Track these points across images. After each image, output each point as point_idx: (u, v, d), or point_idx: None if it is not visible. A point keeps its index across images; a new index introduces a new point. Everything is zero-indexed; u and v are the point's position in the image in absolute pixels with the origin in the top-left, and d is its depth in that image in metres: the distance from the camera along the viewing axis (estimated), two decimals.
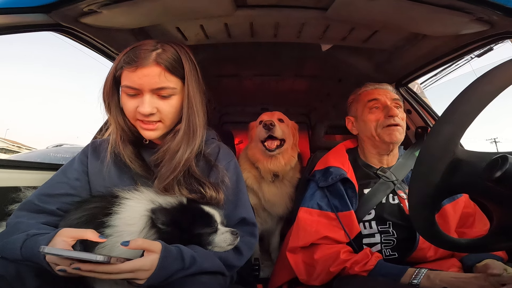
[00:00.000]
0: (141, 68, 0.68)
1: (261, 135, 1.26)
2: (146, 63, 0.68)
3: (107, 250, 0.59)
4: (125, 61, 0.69)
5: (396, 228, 0.91)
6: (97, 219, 0.62)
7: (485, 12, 0.77)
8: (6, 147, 17.02)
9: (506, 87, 0.46)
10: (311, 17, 0.95)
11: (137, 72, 0.68)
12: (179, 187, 0.72)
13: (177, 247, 0.60)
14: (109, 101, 0.75)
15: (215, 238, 0.68)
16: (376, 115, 1.01)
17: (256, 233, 0.81)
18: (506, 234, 0.48)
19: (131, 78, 0.69)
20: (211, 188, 0.74)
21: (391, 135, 0.96)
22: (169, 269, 0.56)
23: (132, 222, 0.62)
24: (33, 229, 0.62)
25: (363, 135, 1.06)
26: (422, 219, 0.52)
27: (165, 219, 0.63)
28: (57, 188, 0.73)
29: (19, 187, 0.79)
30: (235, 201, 0.79)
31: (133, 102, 0.72)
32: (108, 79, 0.74)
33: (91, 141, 0.86)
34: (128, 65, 0.69)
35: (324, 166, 1.04)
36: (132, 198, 0.67)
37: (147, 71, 0.68)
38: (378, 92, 1.05)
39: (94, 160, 0.79)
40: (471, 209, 0.96)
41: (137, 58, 0.68)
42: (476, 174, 0.45)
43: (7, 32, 0.76)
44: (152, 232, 0.62)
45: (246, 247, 0.75)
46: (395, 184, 0.96)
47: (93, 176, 0.77)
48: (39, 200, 0.70)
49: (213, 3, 0.85)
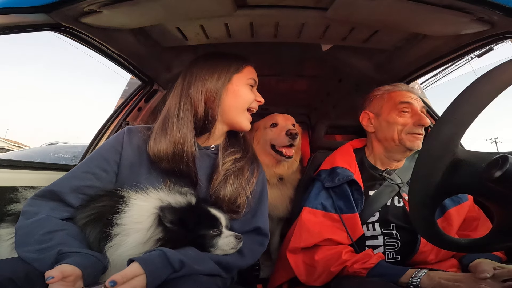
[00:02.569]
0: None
1: (282, 142, 1.19)
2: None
3: (114, 248, 0.60)
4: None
5: (400, 230, 0.90)
6: (105, 217, 0.62)
7: (485, 12, 0.77)
8: (6, 147, 17.03)
9: (506, 87, 0.46)
10: (311, 17, 0.95)
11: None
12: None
13: (161, 252, 0.57)
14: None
15: (219, 241, 0.69)
16: (405, 119, 0.96)
17: (266, 244, 0.81)
18: (507, 234, 0.48)
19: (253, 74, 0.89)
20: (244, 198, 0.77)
21: (413, 142, 0.94)
22: (160, 278, 0.55)
23: (140, 220, 0.63)
24: (62, 241, 0.58)
25: (380, 135, 1.01)
26: (422, 219, 0.52)
27: (173, 218, 0.63)
28: (83, 179, 0.70)
29: (16, 187, 0.78)
30: (254, 210, 0.81)
31: (252, 94, 0.87)
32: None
33: (127, 128, 0.81)
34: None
35: (330, 166, 1.01)
36: (141, 197, 0.67)
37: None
38: (411, 96, 0.99)
39: (130, 151, 0.75)
40: (476, 213, 0.95)
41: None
42: (476, 174, 0.45)
43: (7, 32, 0.75)
44: (159, 230, 0.62)
45: (251, 253, 0.75)
46: (400, 187, 0.95)
47: (124, 169, 0.74)
48: (63, 193, 0.66)
49: (213, 3, 0.85)
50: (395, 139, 0.96)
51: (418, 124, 0.94)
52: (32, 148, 7.44)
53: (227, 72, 0.81)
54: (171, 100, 0.82)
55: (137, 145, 0.76)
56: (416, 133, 0.94)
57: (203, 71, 0.81)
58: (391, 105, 0.99)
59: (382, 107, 1.02)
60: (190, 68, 0.84)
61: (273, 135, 1.24)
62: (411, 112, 0.96)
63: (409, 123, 0.95)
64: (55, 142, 6.18)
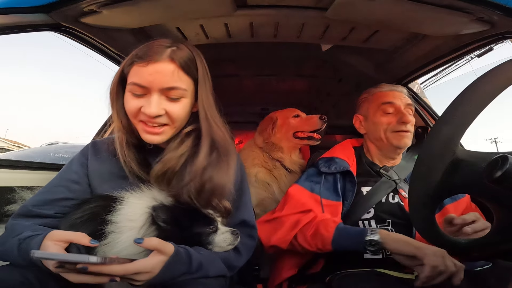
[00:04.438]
0: (153, 63, 0.63)
1: (314, 126, 1.30)
2: (160, 58, 0.63)
3: (109, 246, 0.59)
4: (137, 56, 0.65)
5: (395, 226, 0.91)
6: (98, 216, 0.62)
7: (485, 12, 0.78)
8: (6, 147, 17.02)
9: (506, 87, 0.46)
10: (311, 17, 0.95)
11: (148, 68, 0.63)
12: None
13: (187, 250, 0.59)
14: (114, 100, 0.71)
15: (215, 237, 0.68)
16: (388, 118, 0.99)
17: (256, 235, 0.80)
18: (507, 234, 0.48)
19: (140, 74, 0.64)
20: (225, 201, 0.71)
21: (400, 140, 0.97)
22: (174, 272, 0.55)
23: (133, 217, 0.62)
24: (28, 231, 0.59)
25: (371, 136, 1.05)
26: (422, 219, 0.52)
27: (166, 217, 0.63)
28: (55, 193, 0.70)
29: (13, 187, 0.78)
30: (237, 203, 0.77)
31: (137, 102, 0.66)
32: (116, 77, 0.70)
33: (91, 142, 0.82)
34: (139, 60, 0.64)
35: (330, 155, 1.05)
36: (134, 195, 0.67)
37: (160, 67, 0.63)
38: (393, 95, 1.02)
39: (95, 162, 0.76)
40: (472, 211, 0.96)
41: (151, 52, 0.64)
42: (476, 174, 0.45)
43: (7, 32, 0.76)
44: (152, 229, 0.62)
45: (245, 248, 0.74)
46: (397, 183, 0.97)
47: (95, 179, 0.74)
48: (36, 206, 0.67)
49: (213, 3, 0.85)
50: (383, 139, 1.00)
51: (401, 122, 0.97)
52: (32, 148, 7.44)
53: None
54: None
55: (105, 155, 0.75)
56: (400, 130, 0.97)
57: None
58: (375, 106, 1.04)
59: (368, 109, 1.06)
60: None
61: (300, 123, 1.33)
62: (395, 111, 1.00)
63: (393, 121, 0.99)
64: (55, 142, 6.17)
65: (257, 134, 1.41)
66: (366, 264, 0.85)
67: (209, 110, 0.71)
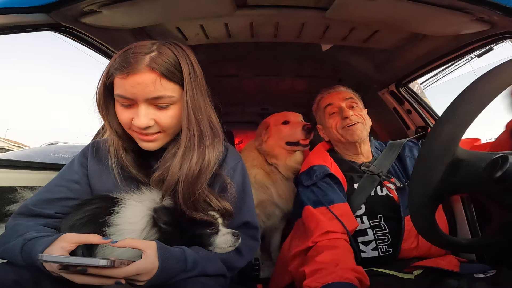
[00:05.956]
0: (132, 75, 0.59)
1: (299, 136, 1.24)
2: (138, 69, 0.59)
3: (109, 249, 0.59)
4: (115, 67, 0.61)
5: (387, 221, 0.92)
6: (99, 218, 0.62)
7: (485, 12, 0.77)
8: (6, 147, 17.02)
9: (506, 87, 0.46)
10: (311, 17, 0.95)
11: (128, 80, 0.60)
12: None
13: (181, 248, 0.60)
14: (103, 111, 0.68)
15: (216, 239, 0.68)
16: (334, 118, 1.05)
17: (258, 237, 0.80)
18: (507, 234, 0.48)
19: (123, 86, 0.61)
20: (220, 203, 0.70)
21: (352, 135, 1.00)
22: (171, 271, 0.56)
23: (134, 220, 0.62)
24: (32, 231, 0.60)
25: (332, 140, 1.11)
26: (422, 219, 0.52)
27: (167, 219, 0.63)
28: (56, 192, 0.70)
29: (15, 187, 0.78)
30: (240, 205, 0.76)
31: (127, 113, 0.64)
32: (100, 89, 0.66)
33: (92, 142, 0.81)
34: (118, 72, 0.60)
35: (307, 166, 1.04)
36: (135, 198, 0.66)
37: (140, 78, 0.59)
38: (331, 97, 1.09)
39: (94, 162, 0.75)
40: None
41: (128, 63, 0.60)
42: (477, 174, 0.45)
43: (7, 32, 0.75)
44: (154, 231, 0.62)
45: (247, 249, 0.74)
46: (380, 176, 0.97)
47: (94, 179, 0.74)
48: (37, 205, 0.67)
49: (213, 3, 0.85)
50: (339, 138, 1.04)
51: (343, 118, 1.02)
52: (32, 148, 7.43)
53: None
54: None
55: (104, 156, 0.74)
56: (346, 125, 1.01)
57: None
58: (322, 113, 1.11)
59: (320, 117, 1.13)
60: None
61: (288, 131, 1.29)
62: (337, 110, 1.05)
63: (338, 120, 1.04)
64: (55, 142, 6.17)
65: (256, 137, 1.41)
66: (365, 263, 0.85)
67: (196, 112, 0.66)
